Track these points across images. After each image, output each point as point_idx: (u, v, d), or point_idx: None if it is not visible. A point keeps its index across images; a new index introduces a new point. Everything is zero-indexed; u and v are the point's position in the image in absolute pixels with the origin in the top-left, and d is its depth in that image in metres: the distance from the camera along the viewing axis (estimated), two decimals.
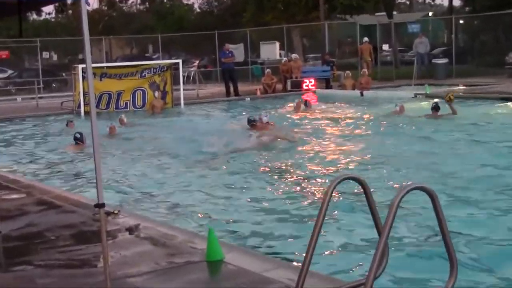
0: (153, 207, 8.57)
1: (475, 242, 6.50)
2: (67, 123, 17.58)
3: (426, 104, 19.42)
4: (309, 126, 16.25)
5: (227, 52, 26.70)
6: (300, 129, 15.60)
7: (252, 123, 15.01)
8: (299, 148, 12.88)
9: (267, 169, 10.98)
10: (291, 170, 10.80)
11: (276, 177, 10.29)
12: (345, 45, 43.61)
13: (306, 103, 20.05)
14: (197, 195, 9.12)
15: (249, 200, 8.75)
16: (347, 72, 26.77)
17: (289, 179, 10.10)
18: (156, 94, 21.81)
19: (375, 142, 13.19)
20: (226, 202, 8.64)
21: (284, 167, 11.09)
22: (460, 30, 38.26)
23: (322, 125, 16.59)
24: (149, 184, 10.06)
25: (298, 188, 9.46)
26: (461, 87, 24.42)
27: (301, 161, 11.62)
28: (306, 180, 9.98)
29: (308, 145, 13.26)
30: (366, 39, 29.98)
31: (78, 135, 13.88)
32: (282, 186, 9.62)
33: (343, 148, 12.75)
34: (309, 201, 8.57)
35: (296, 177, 10.27)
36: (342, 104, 21.15)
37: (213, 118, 19.13)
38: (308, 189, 9.40)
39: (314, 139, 13.95)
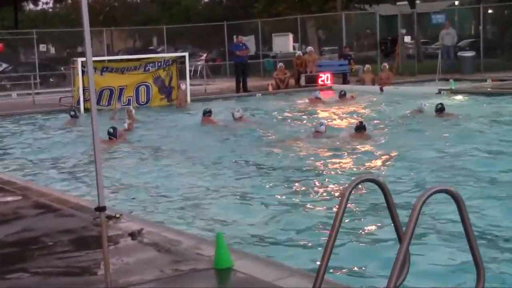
0: (157, 210, 8.59)
1: (501, 244, 6.52)
2: (72, 115, 18.05)
3: (451, 100, 19.53)
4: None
5: (241, 44, 26.70)
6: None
7: (207, 115, 16.69)
8: (315, 148, 12.89)
9: (281, 171, 10.98)
10: (306, 173, 10.80)
11: (290, 179, 10.29)
12: (363, 37, 43.54)
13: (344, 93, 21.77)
14: (205, 198, 9.14)
15: (260, 203, 8.76)
16: (367, 66, 26.73)
17: (303, 182, 10.09)
18: (183, 86, 21.84)
19: (392, 142, 13.19)
20: (236, 206, 8.65)
21: (298, 169, 11.09)
22: (489, 20, 38.08)
23: (337, 123, 16.62)
24: (153, 186, 10.09)
25: (313, 191, 9.47)
26: (489, 83, 24.34)
27: (317, 162, 11.63)
28: (322, 182, 9.98)
29: (324, 144, 13.26)
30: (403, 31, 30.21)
31: (111, 130, 14.12)
32: (296, 189, 9.63)
33: (359, 148, 12.74)
34: (325, 204, 8.58)
35: (311, 179, 10.27)
36: (361, 100, 21.17)
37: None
38: (324, 191, 9.40)
39: (330, 138, 13.95)
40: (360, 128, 13.88)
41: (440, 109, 15.99)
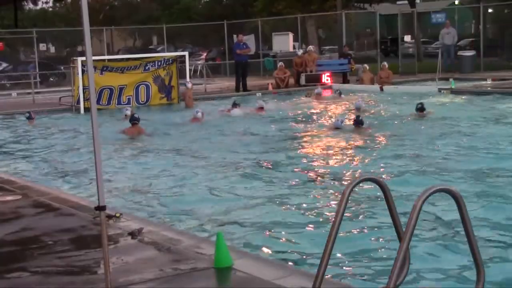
0: (157, 209, 8.59)
1: (501, 244, 6.53)
2: (27, 117, 18.50)
3: (449, 100, 19.58)
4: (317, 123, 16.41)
5: (241, 43, 26.68)
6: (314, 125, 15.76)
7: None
8: (315, 148, 12.91)
9: (281, 170, 10.98)
10: (306, 172, 10.80)
11: (290, 178, 10.29)
12: (363, 37, 43.56)
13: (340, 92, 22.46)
14: (205, 197, 9.14)
15: (260, 202, 8.76)
16: (365, 65, 26.72)
17: (303, 181, 10.09)
18: (189, 85, 21.80)
19: (392, 141, 13.21)
20: (237, 205, 8.65)
21: (299, 168, 11.09)
22: (489, 20, 38.10)
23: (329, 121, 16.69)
24: (153, 185, 10.09)
25: (313, 190, 9.46)
26: (489, 82, 24.35)
27: (317, 161, 11.63)
28: (322, 181, 9.98)
29: (323, 143, 13.28)
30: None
31: (136, 116, 15.10)
32: (295, 188, 9.62)
33: (359, 145, 12.75)
34: (325, 203, 8.58)
35: (311, 178, 10.27)
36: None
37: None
38: (324, 190, 9.40)
39: (326, 137, 13.99)
40: (357, 123, 13.96)
41: (420, 109, 16.07)
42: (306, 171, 10.79)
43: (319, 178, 10.27)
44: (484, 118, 15.77)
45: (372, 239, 6.93)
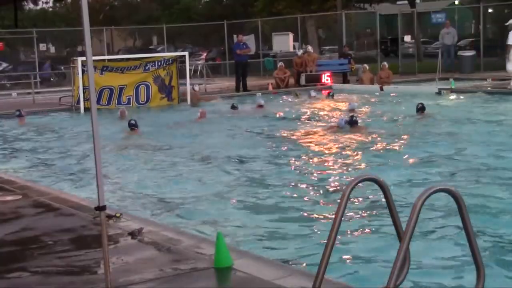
0: (157, 209, 8.59)
1: (501, 244, 6.53)
2: (17, 114, 18.96)
3: (450, 100, 19.58)
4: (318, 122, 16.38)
5: (241, 43, 26.70)
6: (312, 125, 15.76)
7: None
8: (314, 147, 12.91)
9: (279, 170, 10.98)
10: (306, 172, 10.80)
11: (289, 178, 10.29)
12: (363, 37, 43.56)
13: (332, 94, 22.54)
14: (205, 197, 9.14)
15: (260, 202, 8.76)
16: (364, 65, 26.71)
17: (303, 181, 10.10)
18: (197, 87, 21.89)
19: (392, 141, 13.21)
20: (237, 205, 8.65)
21: (299, 168, 11.10)
22: (489, 20, 38.11)
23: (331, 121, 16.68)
24: (153, 185, 10.09)
25: (313, 190, 9.46)
26: (489, 82, 24.35)
27: (317, 161, 11.63)
28: (322, 181, 9.98)
29: (322, 143, 13.28)
30: None
31: (133, 122, 15.35)
32: (296, 188, 9.63)
33: (357, 145, 12.75)
34: (325, 203, 8.58)
35: (311, 178, 10.27)
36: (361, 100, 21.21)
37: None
38: (323, 191, 9.39)
39: (326, 137, 13.99)
40: (353, 123, 14.01)
41: (421, 109, 16.08)
42: (305, 171, 10.79)
43: (319, 178, 10.26)
44: (484, 118, 15.77)
45: (372, 239, 6.93)
